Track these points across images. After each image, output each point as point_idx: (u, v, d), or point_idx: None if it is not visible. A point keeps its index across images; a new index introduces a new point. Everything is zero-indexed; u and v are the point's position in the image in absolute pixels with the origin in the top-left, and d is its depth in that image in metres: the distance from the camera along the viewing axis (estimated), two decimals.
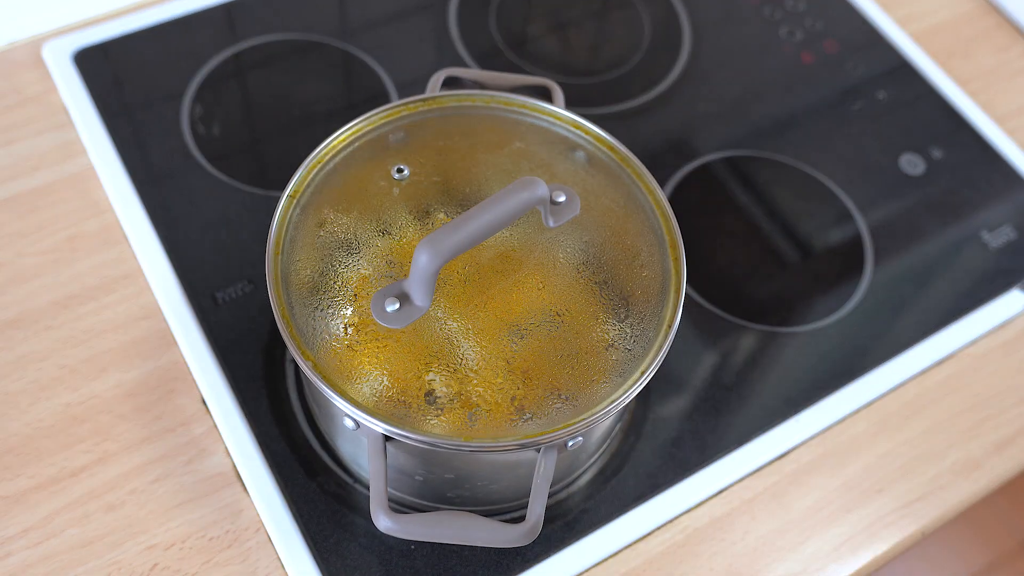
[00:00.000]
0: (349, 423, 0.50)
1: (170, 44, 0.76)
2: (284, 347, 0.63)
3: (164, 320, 0.64)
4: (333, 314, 0.50)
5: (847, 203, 0.75)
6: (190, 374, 0.62)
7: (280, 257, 0.51)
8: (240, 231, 0.68)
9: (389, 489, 0.57)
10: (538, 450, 0.49)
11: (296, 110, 0.74)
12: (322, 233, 0.53)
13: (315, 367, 0.48)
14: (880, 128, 0.80)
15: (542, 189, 0.47)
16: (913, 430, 0.66)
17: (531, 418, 0.48)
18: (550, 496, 0.60)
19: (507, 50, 0.80)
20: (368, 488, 0.58)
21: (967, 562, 1.32)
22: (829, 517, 0.62)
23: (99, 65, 0.74)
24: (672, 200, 0.72)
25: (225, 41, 0.77)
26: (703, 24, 0.84)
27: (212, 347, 0.63)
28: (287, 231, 0.52)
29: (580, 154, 0.57)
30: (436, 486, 0.56)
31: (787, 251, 0.73)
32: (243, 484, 0.59)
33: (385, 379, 0.49)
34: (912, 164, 0.78)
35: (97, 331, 0.63)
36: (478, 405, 0.49)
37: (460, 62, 0.79)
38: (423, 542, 0.58)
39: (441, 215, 0.54)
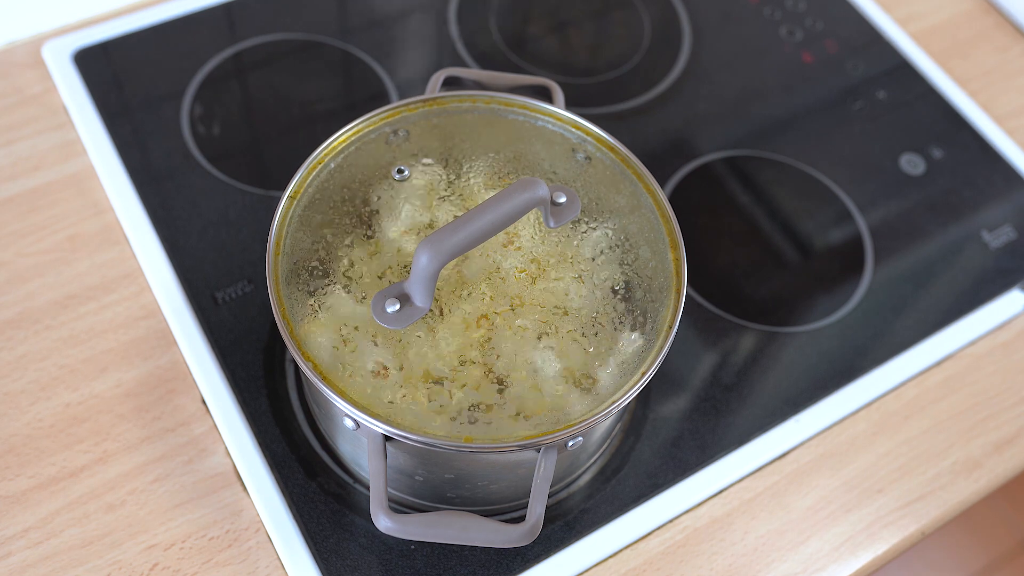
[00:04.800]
0: (349, 423, 0.50)
1: (170, 44, 0.76)
2: (284, 347, 0.63)
3: (164, 320, 0.64)
4: (334, 315, 0.50)
5: (847, 203, 0.75)
6: (190, 374, 0.62)
7: (280, 257, 0.51)
8: (240, 231, 0.68)
9: (389, 489, 0.57)
10: (538, 450, 0.49)
11: (296, 110, 0.74)
12: (322, 234, 0.53)
13: (315, 367, 0.48)
14: (880, 128, 0.80)
15: (543, 190, 0.47)
16: (913, 430, 0.66)
17: (531, 418, 0.48)
18: (550, 496, 0.60)
19: (507, 50, 0.80)
20: (368, 488, 0.58)
21: (967, 562, 1.32)
22: (829, 517, 0.62)
23: (99, 65, 0.74)
24: (672, 200, 0.72)
25: (225, 41, 0.77)
26: (703, 24, 0.84)
27: (212, 347, 0.63)
28: (287, 231, 0.52)
29: (580, 154, 0.57)
30: (436, 486, 0.56)
31: (787, 251, 0.73)
32: (243, 484, 0.59)
33: (385, 379, 0.49)
34: (912, 164, 0.78)
35: (97, 331, 0.63)
36: (478, 405, 0.49)
37: (460, 62, 0.79)
38: (423, 542, 0.58)
39: (441, 216, 0.54)
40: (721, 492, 0.62)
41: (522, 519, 0.48)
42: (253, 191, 0.70)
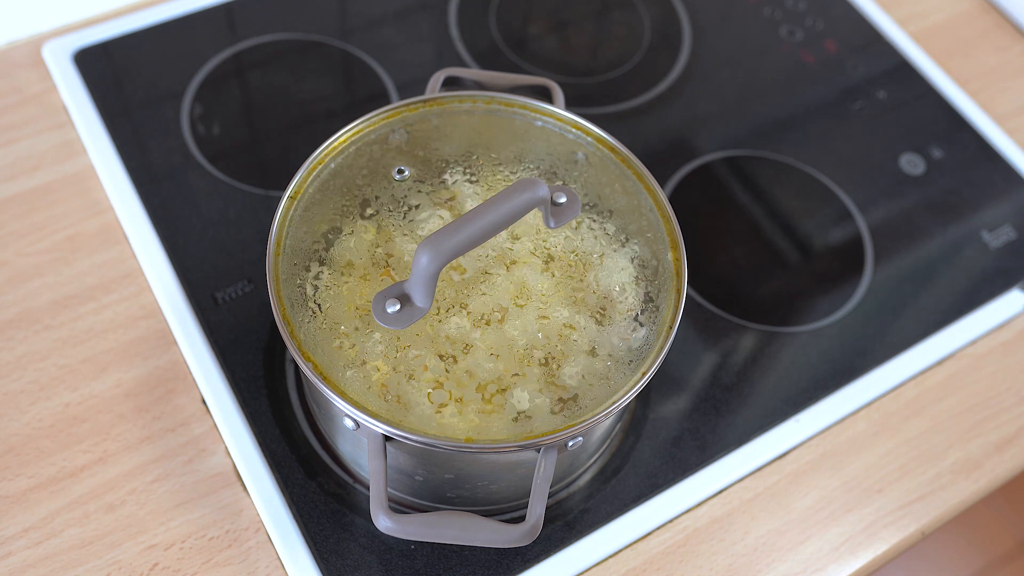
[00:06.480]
0: (349, 423, 0.50)
1: (170, 44, 0.76)
2: (284, 347, 0.63)
3: (164, 320, 0.64)
4: (334, 315, 0.50)
5: (847, 203, 0.75)
6: (190, 374, 0.62)
7: (280, 257, 0.51)
8: (240, 231, 0.68)
9: (389, 489, 0.57)
10: (538, 450, 0.49)
11: (296, 110, 0.74)
12: (322, 234, 0.53)
13: (315, 368, 0.48)
14: (880, 128, 0.80)
15: (543, 190, 0.47)
16: (913, 430, 0.66)
17: (531, 418, 0.48)
18: (550, 496, 0.60)
19: (507, 50, 0.80)
20: (368, 488, 0.58)
21: (967, 562, 1.32)
22: (829, 517, 0.62)
23: (99, 65, 0.74)
24: (672, 200, 0.72)
25: (225, 41, 0.77)
26: (703, 24, 0.84)
27: (212, 347, 0.63)
28: (287, 231, 0.52)
29: (580, 154, 0.57)
30: (436, 486, 0.56)
31: (787, 251, 0.73)
32: (243, 484, 0.59)
33: (385, 379, 0.49)
34: (912, 164, 0.78)
35: (97, 331, 0.63)
36: (478, 405, 0.49)
37: (460, 62, 0.79)
38: (423, 542, 0.58)
39: (442, 216, 0.54)
40: (721, 492, 0.62)
41: (522, 519, 0.48)
42: (253, 191, 0.70)
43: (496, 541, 0.47)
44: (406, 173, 0.55)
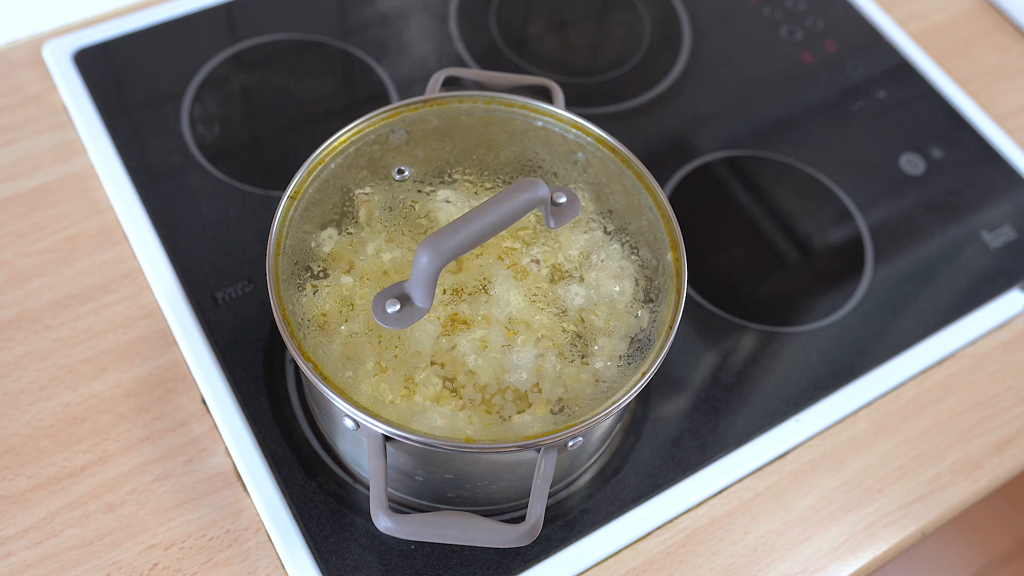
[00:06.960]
0: (349, 423, 0.50)
1: (170, 44, 0.76)
2: (284, 347, 0.63)
3: (164, 320, 0.64)
4: (334, 315, 0.50)
5: (847, 203, 0.75)
6: (190, 374, 0.62)
7: (280, 257, 0.51)
8: (240, 231, 0.68)
9: (389, 489, 0.57)
10: (538, 450, 0.49)
11: (296, 110, 0.74)
12: (322, 234, 0.53)
13: (315, 368, 0.48)
14: (880, 128, 0.80)
15: (543, 190, 0.47)
16: (913, 430, 0.66)
17: (531, 418, 0.48)
18: (550, 496, 0.60)
19: (507, 50, 0.80)
20: (368, 488, 0.58)
21: (967, 562, 1.32)
22: (829, 517, 0.62)
23: (99, 65, 0.74)
24: (672, 200, 0.72)
25: (225, 41, 0.77)
26: (703, 24, 0.84)
27: (212, 347, 0.63)
28: (287, 231, 0.52)
29: (580, 155, 0.57)
30: (436, 486, 0.56)
31: (787, 251, 0.73)
32: (243, 484, 0.59)
33: (385, 379, 0.49)
34: (912, 164, 0.78)
35: (97, 331, 0.63)
36: (478, 405, 0.49)
37: (460, 62, 0.79)
38: (423, 542, 0.58)
39: (441, 216, 0.54)
40: (721, 492, 0.62)
41: (522, 519, 0.48)
42: (253, 191, 0.70)
43: (496, 541, 0.47)
44: (406, 173, 0.55)
